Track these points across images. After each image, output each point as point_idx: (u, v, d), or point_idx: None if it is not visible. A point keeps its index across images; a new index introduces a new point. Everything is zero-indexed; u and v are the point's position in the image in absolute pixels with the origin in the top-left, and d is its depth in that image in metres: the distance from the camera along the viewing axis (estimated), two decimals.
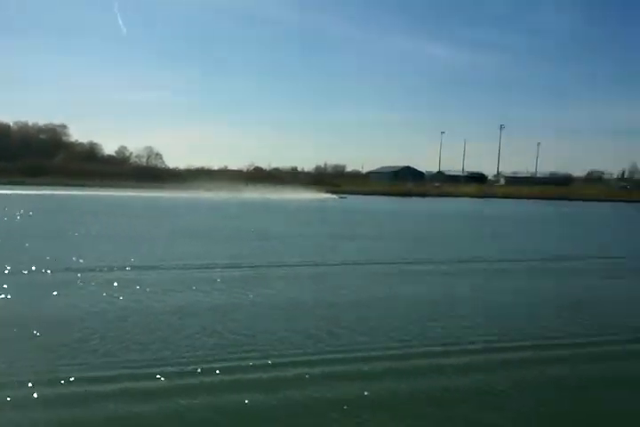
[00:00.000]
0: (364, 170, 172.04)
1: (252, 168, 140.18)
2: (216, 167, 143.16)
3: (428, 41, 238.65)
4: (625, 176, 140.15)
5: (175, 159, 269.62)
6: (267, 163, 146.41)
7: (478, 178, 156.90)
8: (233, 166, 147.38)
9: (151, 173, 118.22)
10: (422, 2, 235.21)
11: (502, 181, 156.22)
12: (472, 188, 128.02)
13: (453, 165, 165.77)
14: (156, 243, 24.81)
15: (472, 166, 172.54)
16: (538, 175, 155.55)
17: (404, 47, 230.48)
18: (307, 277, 17.68)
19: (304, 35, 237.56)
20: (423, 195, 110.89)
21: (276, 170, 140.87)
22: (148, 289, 14.62)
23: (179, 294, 14.29)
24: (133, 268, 17.76)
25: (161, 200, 66.67)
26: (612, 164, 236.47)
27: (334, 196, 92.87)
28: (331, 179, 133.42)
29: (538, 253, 25.47)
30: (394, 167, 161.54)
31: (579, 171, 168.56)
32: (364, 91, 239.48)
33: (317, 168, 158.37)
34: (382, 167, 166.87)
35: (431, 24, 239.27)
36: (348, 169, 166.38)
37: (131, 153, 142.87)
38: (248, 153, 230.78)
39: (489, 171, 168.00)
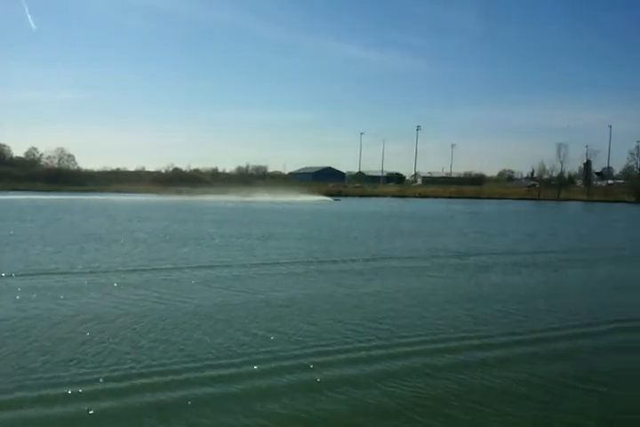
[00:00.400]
0: (286, 171, 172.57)
1: (170, 169, 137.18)
2: (133, 168, 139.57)
3: (348, 41, 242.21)
4: (534, 175, 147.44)
5: (89, 161, 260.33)
6: (186, 164, 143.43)
7: (397, 178, 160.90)
8: (150, 168, 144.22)
9: (63, 175, 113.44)
10: (342, 3, 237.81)
11: (419, 181, 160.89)
12: (391, 188, 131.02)
13: (374, 166, 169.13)
14: (48, 248, 23.94)
15: (391, 167, 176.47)
16: (453, 175, 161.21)
17: (325, 47, 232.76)
18: (218, 280, 17.59)
19: (224, 33, 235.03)
20: (344, 195, 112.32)
21: (197, 171, 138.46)
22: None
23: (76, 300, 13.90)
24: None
25: (75, 203, 64.10)
26: (522, 163, 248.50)
27: (329, 198, 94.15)
28: (254, 180, 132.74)
29: (448, 251, 26.49)
30: (315, 168, 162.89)
31: (491, 170, 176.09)
32: (286, 91, 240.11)
33: (239, 169, 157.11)
34: (304, 168, 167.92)
35: (348, 24, 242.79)
36: (270, 170, 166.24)
37: (41, 154, 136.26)
38: (166, 154, 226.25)
39: (407, 171, 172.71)
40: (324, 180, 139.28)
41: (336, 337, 11.30)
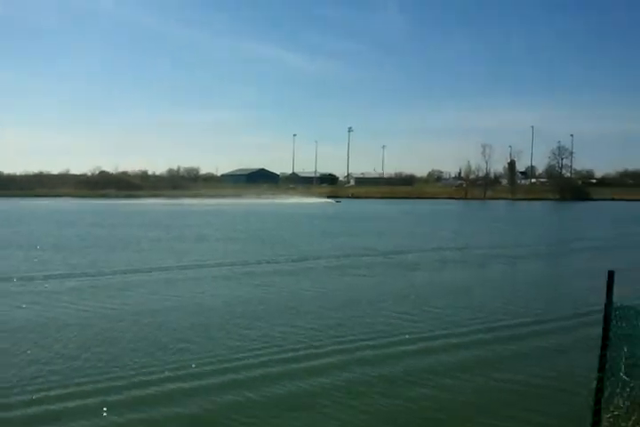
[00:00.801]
0: (219, 173, 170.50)
1: (97, 172, 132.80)
2: (56, 172, 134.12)
3: (282, 46, 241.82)
4: (461, 175, 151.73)
5: (8, 165, 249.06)
6: (113, 166, 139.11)
7: (330, 179, 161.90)
8: (75, 171, 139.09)
9: None
10: (273, 9, 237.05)
11: (352, 182, 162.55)
12: (325, 189, 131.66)
13: (307, 167, 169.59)
14: None
15: (325, 168, 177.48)
16: (384, 176, 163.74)
17: (259, 51, 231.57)
18: (141, 285, 17.06)
19: (150, 38, 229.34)
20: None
21: (125, 174, 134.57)
22: None
23: None
24: None
25: None
26: (450, 163, 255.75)
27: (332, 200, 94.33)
28: (186, 182, 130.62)
29: (378, 250, 26.80)
30: (248, 170, 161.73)
31: (421, 171, 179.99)
32: (217, 94, 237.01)
33: (170, 171, 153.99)
34: (237, 170, 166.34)
35: (282, 29, 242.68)
36: (203, 172, 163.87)
37: None
38: (91, 156, 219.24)
39: (340, 172, 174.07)
40: (258, 181, 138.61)
41: (269, 341, 11.13)
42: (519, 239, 33.82)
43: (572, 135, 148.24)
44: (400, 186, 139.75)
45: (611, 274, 5.66)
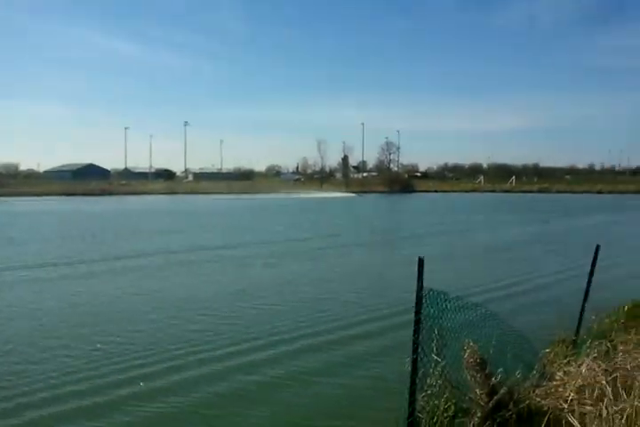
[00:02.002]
0: (41, 169, 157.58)
1: None
2: None
3: (116, 37, 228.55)
4: (299, 170, 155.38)
5: None
6: None
7: (166, 174, 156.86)
8: None
9: None
10: None
11: (191, 177, 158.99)
12: (160, 184, 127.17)
13: (142, 162, 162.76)
14: None
15: (162, 163, 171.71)
16: (223, 171, 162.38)
17: (88, 40, 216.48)
18: None
19: None
20: (109, 193, 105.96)
21: None
22: None
23: None
24: None
25: None
26: (288, 158, 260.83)
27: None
28: (4, 179, 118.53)
29: (207, 246, 26.38)
30: (76, 165, 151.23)
31: (260, 166, 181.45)
32: (39, 83, 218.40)
33: None
34: (63, 165, 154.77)
35: (115, 19, 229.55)
36: (23, 168, 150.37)
37: None
38: None
39: (178, 167, 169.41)
40: (87, 178, 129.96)
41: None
42: (346, 229, 35.30)
43: (398, 131, 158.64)
44: (239, 181, 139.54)
45: (421, 261, 5.95)
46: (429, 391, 5.98)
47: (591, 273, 8.19)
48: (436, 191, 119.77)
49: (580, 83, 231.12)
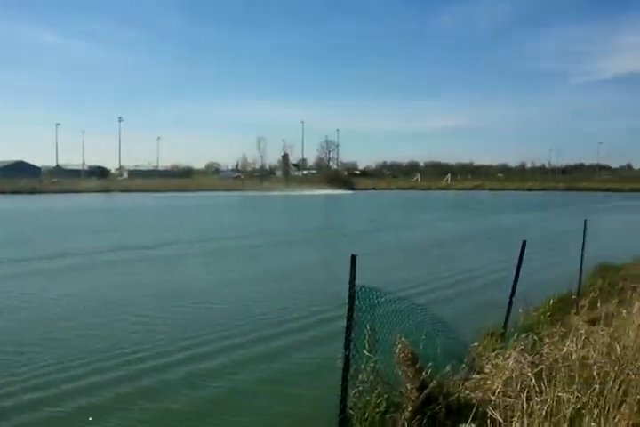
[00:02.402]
0: None
1: None
2: None
3: (43, 29, 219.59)
4: (238, 167, 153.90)
5: None
6: None
7: (100, 172, 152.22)
8: None
9: None
10: None
11: (126, 175, 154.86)
12: (93, 182, 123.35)
13: (74, 160, 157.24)
14: None
15: (96, 160, 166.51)
16: (160, 168, 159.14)
17: (16, 34, 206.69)
18: None
19: None
20: (40, 192, 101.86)
21: None
22: None
23: None
24: None
25: None
26: (228, 156, 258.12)
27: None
28: None
29: (132, 246, 25.69)
30: (4, 162, 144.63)
31: (199, 163, 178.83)
32: None
33: None
34: None
35: (47, 12, 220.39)
36: None
37: None
38: None
39: (112, 165, 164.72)
40: (16, 176, 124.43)
41: None
42: (285, 227, 35.25)
43: (337, 130, 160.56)
44: (177, 178, 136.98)
45: (353, 258, 5.96)
46: (361, 387, 5.99)
47: (518, 268, 8.43)
48: (374, 189, 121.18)
49: (509, 84, 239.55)
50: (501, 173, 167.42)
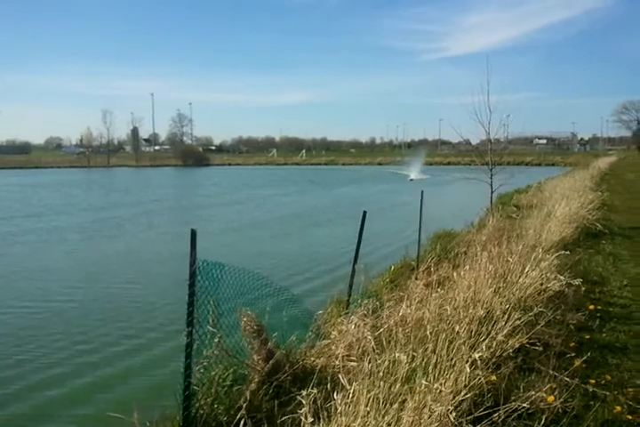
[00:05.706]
0: None
1: None
2: None
3: None
4: (83, 142, 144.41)
5: None
6: None
7: None
8: None
9: None
10: None
11: None
12: None
13: None
14: None
15: None
16: None
17: None
18: None
19: None
20: None
21: None
22: None
23: None
24: None
25: None
26: (71, 130, 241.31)
27: None
28: None
29: None
30: None
31: (38, 138, 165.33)
32: None
33: None
34: None
35: None
36: None
37: None
38: None
39: None
40: None
41: None
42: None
43: (190, 104, 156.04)
44: (14, 155, 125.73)
45: (193, 233, 5.81)
46: (205, 363, 5.92)
47: (359, 237, 8.76)
48: (230, 165, 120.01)
49: (360, 61, 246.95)
50: (353, 149, 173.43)
